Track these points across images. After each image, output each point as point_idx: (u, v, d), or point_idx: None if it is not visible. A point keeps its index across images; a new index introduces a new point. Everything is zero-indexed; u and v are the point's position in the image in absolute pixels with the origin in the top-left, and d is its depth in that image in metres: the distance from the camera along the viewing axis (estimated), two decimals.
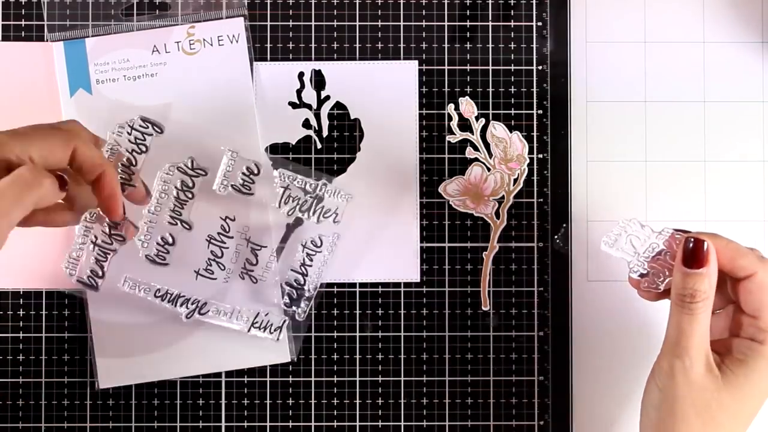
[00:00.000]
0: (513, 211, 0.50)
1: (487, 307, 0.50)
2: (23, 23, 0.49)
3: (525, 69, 0.50)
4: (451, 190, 0.50)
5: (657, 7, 0.51)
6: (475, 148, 0.50)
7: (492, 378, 0.50)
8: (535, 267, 0.50)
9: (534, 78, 0.50)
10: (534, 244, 0.50)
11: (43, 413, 0.49)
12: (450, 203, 0.50)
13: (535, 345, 0.50)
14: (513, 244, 0.50)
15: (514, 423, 0.50)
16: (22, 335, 0.49)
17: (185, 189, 0.47)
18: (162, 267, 0.47)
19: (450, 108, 0.50)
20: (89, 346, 0.49)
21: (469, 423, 0.50)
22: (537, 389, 0.50)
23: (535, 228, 0.50)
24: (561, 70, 0.50)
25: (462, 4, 0.50)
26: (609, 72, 0.51)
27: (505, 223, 0.50)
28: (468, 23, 0.50)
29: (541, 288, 0.50)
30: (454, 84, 0.50)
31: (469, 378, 0.50)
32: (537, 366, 0.50)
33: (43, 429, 0.49)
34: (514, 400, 0.50)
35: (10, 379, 0.49)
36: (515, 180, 0.50)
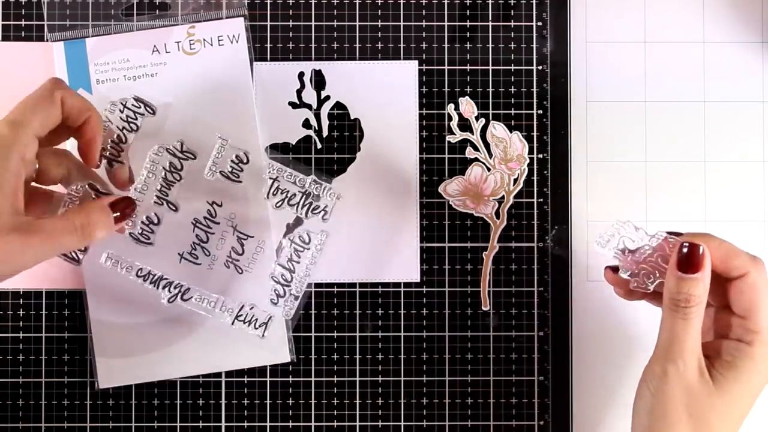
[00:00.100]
0: (513, 211, 0.50)
1: (487, 307, 0.50)
2: (23, 23, 0.49)
3: (525, 69, 0.50)
4: (451, 190, 0.50)
5: (657, 7, 0.51)
6: (475, 148, 0.50)
7: (492, 378, 0.50)
8: (535, 267, 0.50)
9: (534, 78, 0.50)
10: (534, 244, 0.50)
11: (43, 413, 0.49)
12: (450, 203, 0.50)
13: (535, 345, 0.50)
14: (513, 244, 0.50)
15: (514, 423, 0.50)
16: (22, 335, 0.49)
17: (173, 170, 0.47)
18: (146, 246, 0.47)
19: (450, 108, 0.50)
20: (89, 346, 0.49)
21: (469, 423, 0.50)
22: (537, 389, 0.50)
23: (535, 228, 0.50)
24: (561, 70, 0.50)
25: (462, 4, 0.50)
26: (609, 72, 0.51)
27: (505, 223, 0.50)
28: (468, 23, 0.50)
29: (541, 288, 0.50)
30: (454, 84, 0.50)
31: (469, 378, 0.50)
32: (537, 366, 0.50)
33: (43, 429, 0.49)
34: (514, 400, 0.50)
35: (10, 379, 0.49)
36: (515, 180, 0.50)
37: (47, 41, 0.49)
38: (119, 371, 0.49)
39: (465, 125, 0.50)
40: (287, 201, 0.47)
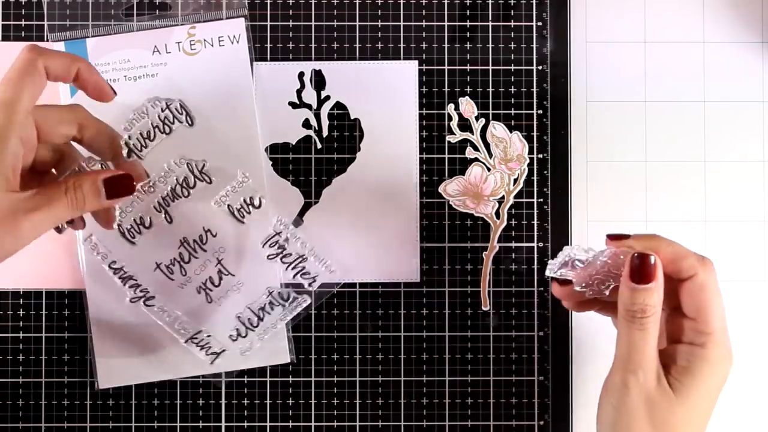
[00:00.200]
0: (513, 211, 0.50)
1: (487, 307, 0.50)
2: (23, 23, 0.50)
3: (525, 69, 0.50)
4: (451, 190, 0.50)
5: (657, 7, 0.51)
6: (475, 148, 0.50)
7: (492, 378, 0.50)
8: (535, 267, 0.50)
9: (534, 78, 0.50)
10: (534, 244, 0.50)
11: (43, 413, 0.49)
12: (450, 203, 0.50)
13: (535, 345, 0.50)
14: (513, 244, 0.50)
15: (514, 423, 0.50)
16: (22, 335, 0.49)
17: (185, 186, 0.47)
18: (129, 244, 0.47)
19: (450, 108, 0.50)
20: (89, 346, 0.49)
21: (469, 423, 0.50)
22: (537, 389, 0.50)
23: (535, 228, 0.50)
24: (561, 70, 0.51)
25: (462, 4, 0.51)
26: (609, 72, 0.51)
27: (505, 223, 0.50)
28: (468, 23, 0.51)
29: (541, 288, 0.50)
30: (454, 84, 0.50)
31: (469, 378, 0.50)
32: (537, 366, 0.50)
33: (43, 429, 0.49)
34: (514, 400, 0.50)
35: (10, 379, 0.49)
36: (515, 180, 0.50)
37: (47, 41, 0.49)
38: (119, 371, 0.49)
39: (465, 125, 0.50)
40: (281, 257, 0.47)
